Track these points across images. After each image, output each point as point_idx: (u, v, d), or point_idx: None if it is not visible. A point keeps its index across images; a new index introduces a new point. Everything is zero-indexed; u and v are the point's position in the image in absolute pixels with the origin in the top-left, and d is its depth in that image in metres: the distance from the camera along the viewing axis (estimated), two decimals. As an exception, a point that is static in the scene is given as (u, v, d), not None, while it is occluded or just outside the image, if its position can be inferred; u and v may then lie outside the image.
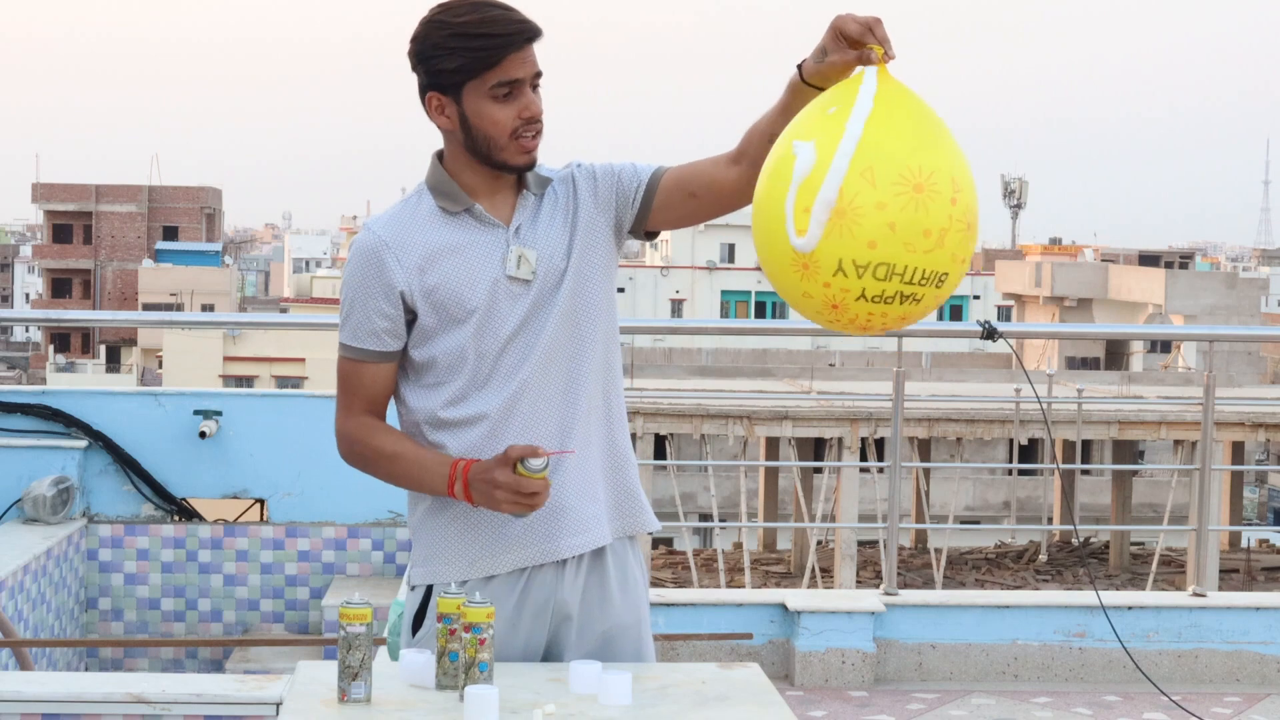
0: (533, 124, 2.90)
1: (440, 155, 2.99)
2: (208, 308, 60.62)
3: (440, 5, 2.90)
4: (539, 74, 2.91)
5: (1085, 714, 5.79)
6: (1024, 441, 24.81)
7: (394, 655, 3.05)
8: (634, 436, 21.76)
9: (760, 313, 60.02)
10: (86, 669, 7.00)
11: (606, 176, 3.01)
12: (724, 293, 60.60)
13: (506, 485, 2.79)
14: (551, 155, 3.01)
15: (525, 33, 2.87)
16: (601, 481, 2.99)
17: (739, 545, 24.76)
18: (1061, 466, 20.56)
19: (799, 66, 2.83)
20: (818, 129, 2.67)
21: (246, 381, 48.00)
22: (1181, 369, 39.81)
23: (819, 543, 24.21)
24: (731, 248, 62.26)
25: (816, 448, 25.69)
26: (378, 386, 3.03)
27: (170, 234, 72.28)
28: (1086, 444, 30.53)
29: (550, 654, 2.98)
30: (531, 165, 2.93)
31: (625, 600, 3.01)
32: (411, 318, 2.96)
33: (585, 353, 2.97)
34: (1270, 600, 6.43)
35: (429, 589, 2.98)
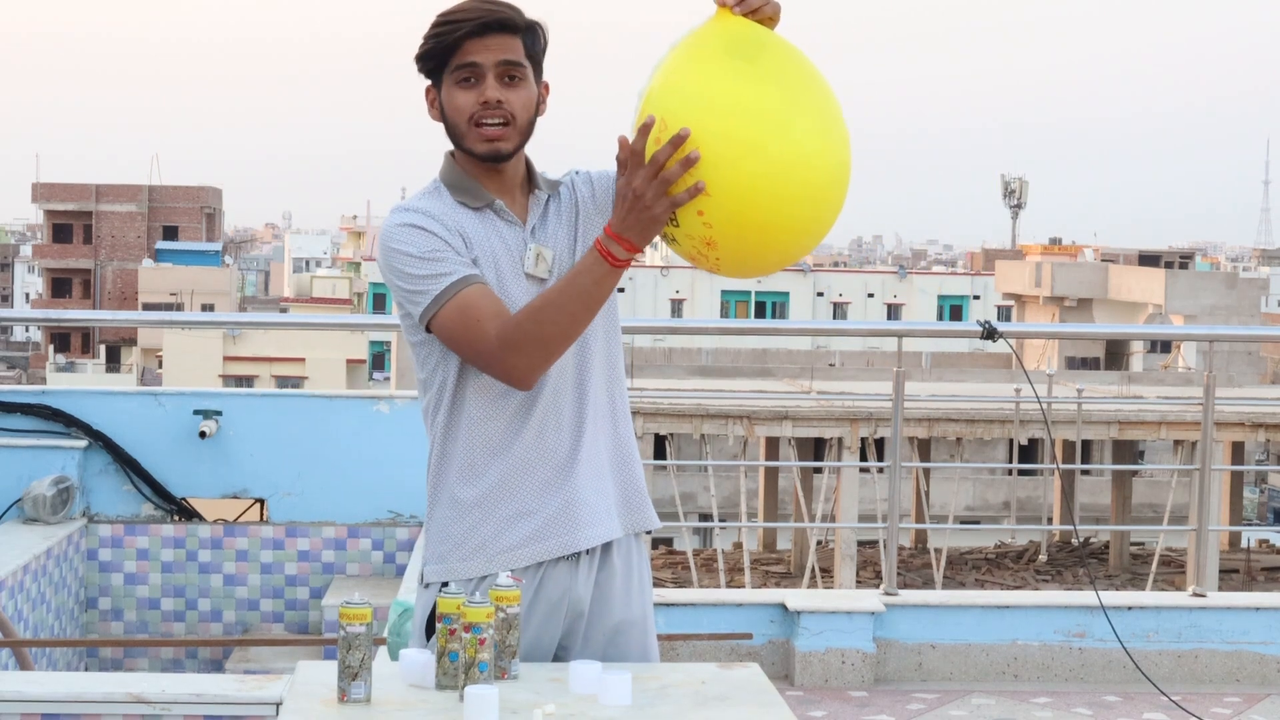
0: (491, 111, 2.91)
1: (453, 154, 3.02)
2: (208, 307, 60.63)
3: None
4: (509, 63, 2.92)
5: (1085, 714, 5.79)
6: (1024, 441, 24.80)
7: (394, 655, 3.05)
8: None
9: (760, 313, 60.01)
10: (86, 669, 6.99)
11: (603, 180, 3.05)
12: (724, 292, 60.58)
13: (644, 180, 2.70)
14: (554, 154, 3.03)
15: (484, 18, 2.91)
16: (610, 477, 3.01)
17: (739, 545, 24.76)
18: (1061, 466, 20.56)
19: None
20: None
21: (246, 381, 48.02)
22: (1181, 369, 39.80)
23: (819, 543, 24.21)
24: (731, 248, 62.13)
25: (816, 448, 25.68)
26: (493, 297, 2.88)
27: (170, 234, 72.28)
28: (1086, 444, 30.53)
29: (562, 651, 2.99)
30: (496, 156, 2.94)
31: (633, 596, 3.03)
32: None
33: (589, 349, 3.00)
34: (1270, 600, 6.43)
35: (444, 587, 2.97)
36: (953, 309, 64.57)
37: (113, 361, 64.37)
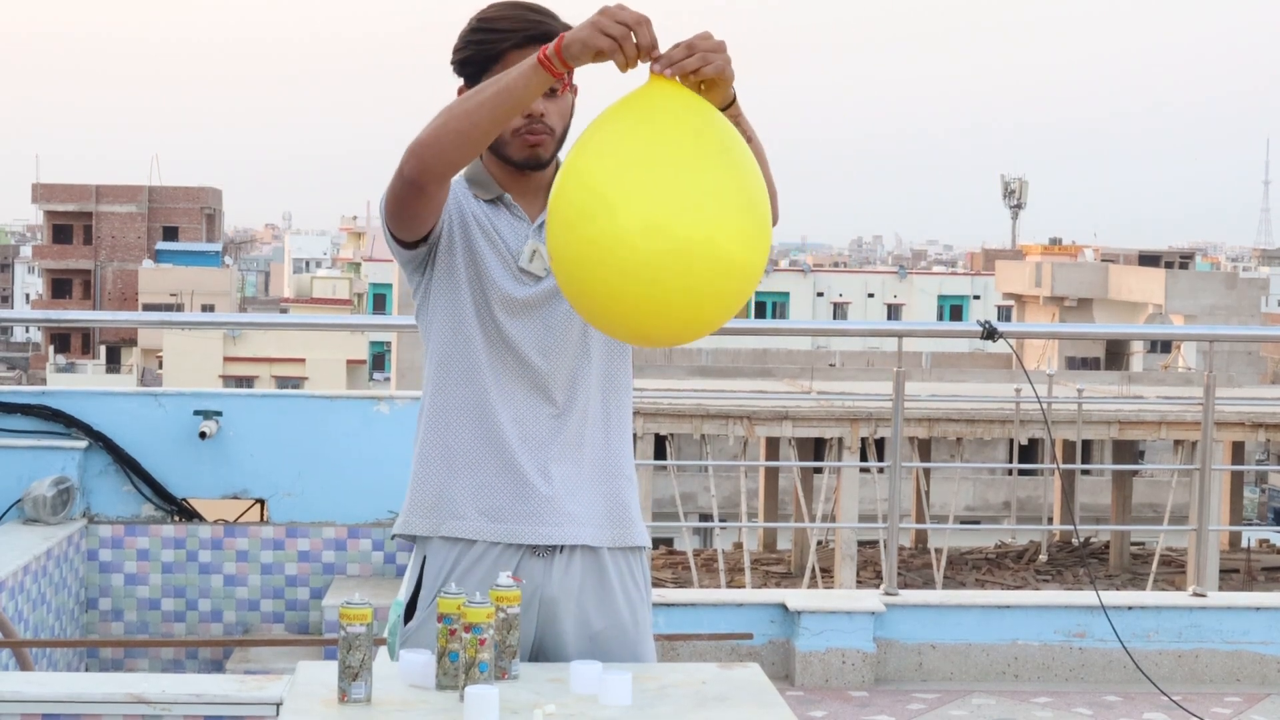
0: (534, 123, 2.95)
1: (480, 156, 3.05)
2: (208, 308, 60.63)
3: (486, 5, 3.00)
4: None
5: (1085, 714, 5.79)
6: (1024, 441, 24.81)
7: (394, 655, 3.05)
8: (634, 437, 21.62)
9: (760, 313, 59.98)
10: (87, 669, 6.99)
11: None
12: (724, 293, 60.53)
13: (619, 5, 2.61)
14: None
15: (528, 30, 2.94)
16: (591, 486, 3.02)
17: (739, 545, 24.76)
18: (1061, 466, 20.55)
19: None
20: None
21: (246, 382, 48.04)
22: (1181, 369, 39.80)
23: (819, 543, 24.22)
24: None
25: (816, 448, 25.69)
26: None
27: (170, 234, 72.30)
28: (1086, 444, 30.52)
29: (541, 652, 3.00)
30: (535, 162, 3.00)
31: (625, 607, 3.02)
32: (437, 244, 2.99)
33: (586, 355, 3.01)
34: (1270, 600, 6.43)
35: (424, 564, 3.01)
36: (953, 309, 64.59)
37: (113, 362, 64.38)
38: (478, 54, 2.96)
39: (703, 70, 2.62)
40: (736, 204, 2.59)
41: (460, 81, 3.02)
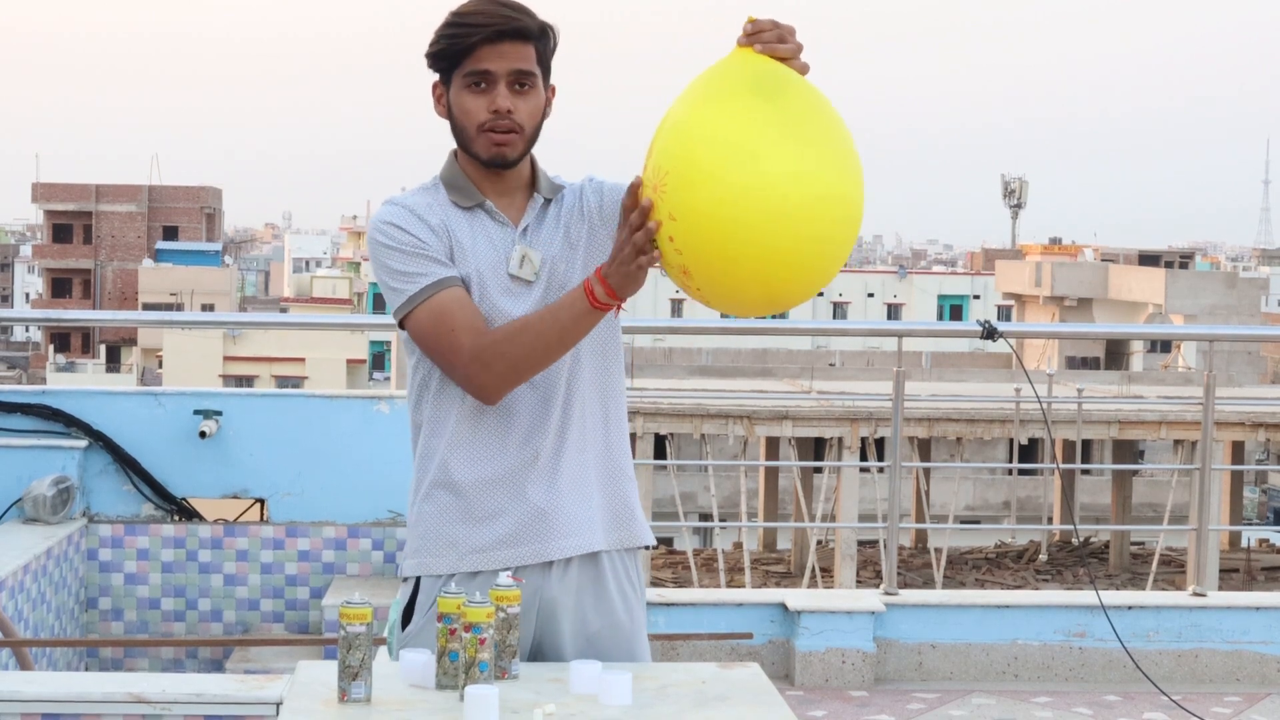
0: (501, 119, 2.92)
1: (456, 154, 3.04)
2: (208, 307, 60.63)
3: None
4: (521, 72, 2.93)
5: (1085, 714, 5.79)
6: (1024, 441, 24.81)
7: (394, 655, 3.05)
8: (634, 437, 21.79)
9: (760, 313, 59.90)
10: (87, 669, 6.99)
11: (613, 191, 3.04)
12: (724, 293, 60.48)
13: (626, 236, 2.73)
14: (561, 155, 3.04)
15: (498, 25, 2.91)
16: (596, 488, 3.01)
17: (739, 545, 24.77)
18: (1061, 466, 20.53)
19: None
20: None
21: (246, 381, 48.05)
22: (1181, 369, 39.80)
23: (819, 542, 24.22)
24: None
25: (816, 447, 25.69)
26: (469, 306, 2.92)
27: (170, 234, 72.30)
28: (1086, 444, 30.52)
29: (539, 653, 2.99)
30: (500, 161, 2.95)
31: (621, 606, 3.02)
32: None
33: (580, 353, 3.00)
34: (1270, 600, 6.43)
35: (418, 581, 3.01)
36: (953, 309, 64.62)
37: (113, 361, 64.37)
38: (450, 48, 2.93)
39: (780, 49, 2.73)
40: (856, 162, 2.72)
41: (435, 77, 2.99)
